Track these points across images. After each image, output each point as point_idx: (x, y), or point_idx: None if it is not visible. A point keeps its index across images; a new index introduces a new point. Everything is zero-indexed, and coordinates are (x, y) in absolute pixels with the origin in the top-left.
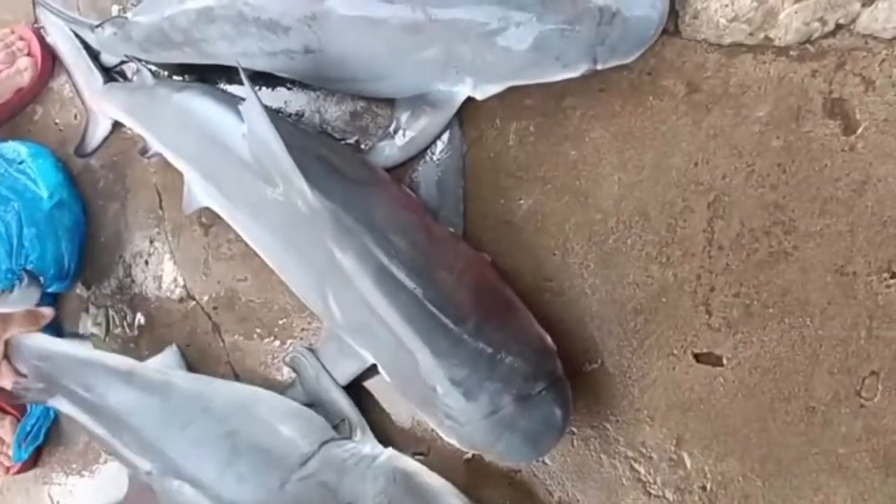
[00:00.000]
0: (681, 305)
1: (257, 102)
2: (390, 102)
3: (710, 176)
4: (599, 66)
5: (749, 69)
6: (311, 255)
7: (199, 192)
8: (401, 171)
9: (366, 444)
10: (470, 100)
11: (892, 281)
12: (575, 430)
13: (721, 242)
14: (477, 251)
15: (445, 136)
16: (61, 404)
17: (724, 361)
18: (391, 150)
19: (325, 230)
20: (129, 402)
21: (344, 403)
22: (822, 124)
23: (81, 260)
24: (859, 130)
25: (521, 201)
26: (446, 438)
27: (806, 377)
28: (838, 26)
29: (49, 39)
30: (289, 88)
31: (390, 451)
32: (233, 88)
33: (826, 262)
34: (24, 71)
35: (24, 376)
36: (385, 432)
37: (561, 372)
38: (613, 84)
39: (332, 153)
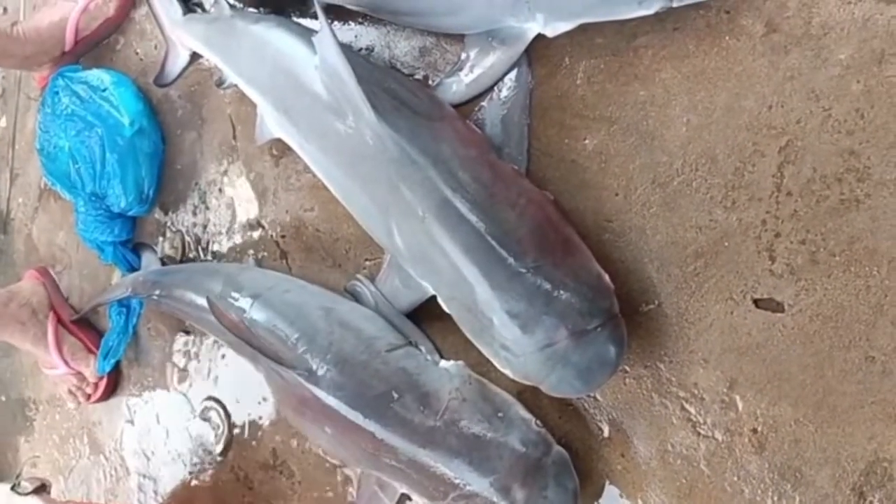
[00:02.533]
0: (743, 250)
1: (330, 34)
2: (459, 38)
3: (783, 120)
4: (675, 4)
5: (832, 10)
6: (376, 186)
7: (271, 123)
8: (467, 107)
9: (436, 356)
10: (540, 37)
11: None
12: (628, 368)
13: (790, 188)
14: (540, 189)
15: (513, 74)
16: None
17: (785, 308)
18: (458, 86)
19: (391, 163)
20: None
21: (408, 326)
22: None
23: (160, 186)
24: None
25: (587, 141)
26: (501, 369)
27: (868, 326)
28: None
29: None
30: (359, 23)
31: (462, 362)
32: (306, 21)
33: None
34: (109, 2)
35: None
36: None
37: (617, 310)
38: (689, 23)
39: (401, 87)
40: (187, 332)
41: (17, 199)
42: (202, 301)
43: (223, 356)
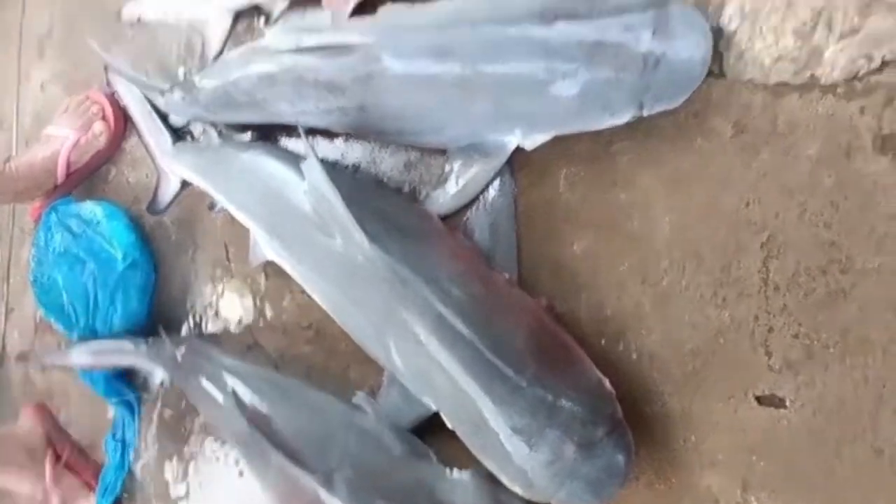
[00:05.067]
0: (739, 347)
1: (317, 163)
2: (443, 152)
3: (762, 216)
4: (646, 113)
5: (796, 108)
6: (371, 308)
7: (264, 246)
8: (456, 217)
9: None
10: (520, 147)
11: None
12: (638, 475)
13: (777, 282)
14: (533, 296)
15: (497, 183)
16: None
17: (787, 403)
18: (445, 198)
19: (384, 284)
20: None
21: (413, 441)
22: (873, 161)
23: (151, 316)
24: None
25: (575, 245)
26: (509, 486)
27: (871, 418)
28: (884, 62)
29: (121, 102)
30: (345, 140)
31: (471, 470)
32: (293, 143)
33: (885, 300)
34: (99, 135)
35: None
36: None
37: (621, 416)
38: (660, 127)
39: (389, 205)
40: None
41: (13, 334)
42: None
43: (220, 485)
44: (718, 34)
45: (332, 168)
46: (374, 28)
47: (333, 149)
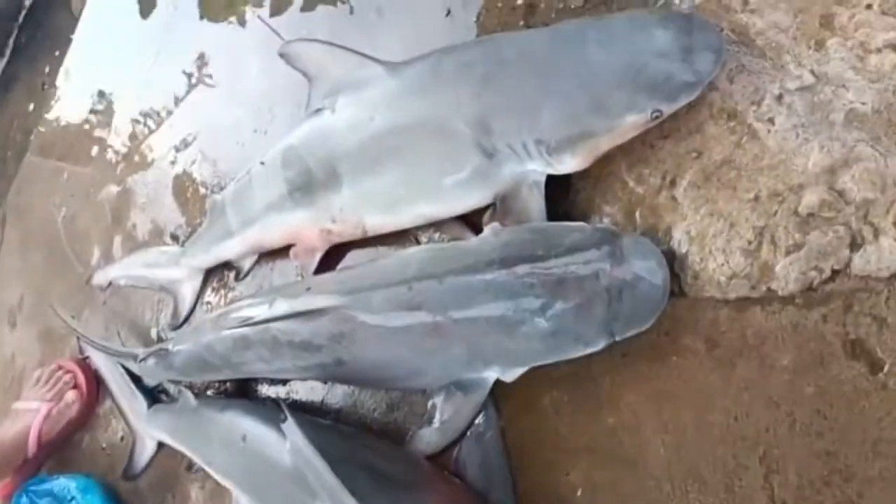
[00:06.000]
0: None
1: (297, 428)
2: (424, 391)
3: (753, 429)
4: (618, 339)
5: (761, 320)
6: None
7: None
8: (446, 454)
9: None
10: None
11: None
12: None
13: (784, 498)
14: None
15: (482, 417)
16: None
17: None
18: (431, 436)
19: None
20: None
21: None
22: (847, 366)
23: None
24: (886, 368)
25: (570, 474)
26: None
27: None
28: (835, 272)
29: (93, 367)
30: (325, 385)
31: None
32: (270, 389)
33: None
34: (72, 404)
35: None
36: None
37: None
38: (635, 348)
39: (376, 457)
40: None
41: None
42: None
43: None
44: (671, 256)
45: (313, 421)
46: (342, 289)
47: (313, 394)
